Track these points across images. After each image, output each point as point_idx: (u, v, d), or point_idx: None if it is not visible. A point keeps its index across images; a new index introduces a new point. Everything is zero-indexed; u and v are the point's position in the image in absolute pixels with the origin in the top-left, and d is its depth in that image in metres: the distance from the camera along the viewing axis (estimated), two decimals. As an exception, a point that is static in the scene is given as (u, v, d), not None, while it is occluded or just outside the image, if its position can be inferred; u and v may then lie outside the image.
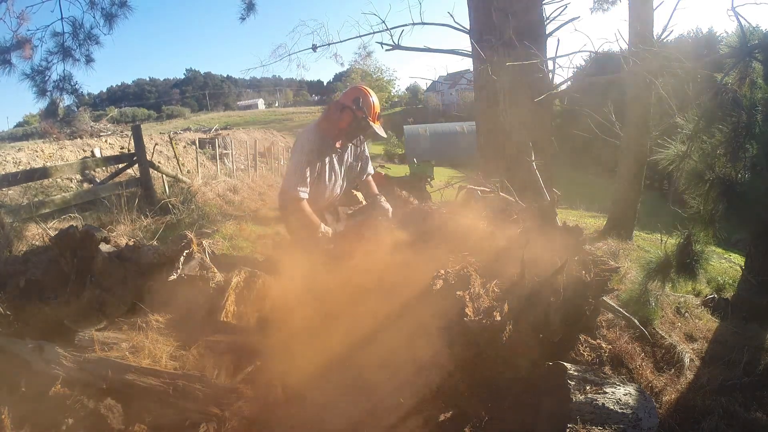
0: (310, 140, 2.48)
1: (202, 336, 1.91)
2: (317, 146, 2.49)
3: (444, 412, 1.57)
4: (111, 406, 1.54)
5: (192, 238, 2.32)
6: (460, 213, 2.57)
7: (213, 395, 1.59)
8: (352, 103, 2.45)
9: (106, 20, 5.59)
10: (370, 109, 2.48)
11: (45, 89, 5.58)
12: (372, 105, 2.49)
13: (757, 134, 2.34)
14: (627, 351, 2.26)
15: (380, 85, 48.62)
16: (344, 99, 2.51)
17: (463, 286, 1.78)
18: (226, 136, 16.74)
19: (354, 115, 2.46)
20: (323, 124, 2.54)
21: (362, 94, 2.49)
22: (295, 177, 2.42)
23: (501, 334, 1.65)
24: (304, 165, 2.43)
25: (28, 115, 40.30)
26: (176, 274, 2.24)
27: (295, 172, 2.44)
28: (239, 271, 2.25)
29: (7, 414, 1.47)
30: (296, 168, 2.44)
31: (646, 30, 5.25)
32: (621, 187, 6.56)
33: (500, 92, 4.47)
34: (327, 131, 2.52)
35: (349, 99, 2.47)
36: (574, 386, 1.46)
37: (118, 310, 2.08)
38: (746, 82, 2.67)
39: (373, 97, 2.51)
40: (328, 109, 2.60)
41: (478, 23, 5.40)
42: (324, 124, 2.54)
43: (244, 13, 6.25)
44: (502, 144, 4.48)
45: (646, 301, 2.52)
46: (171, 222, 5.23)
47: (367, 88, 2.54)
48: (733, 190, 2.29)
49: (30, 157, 8.88)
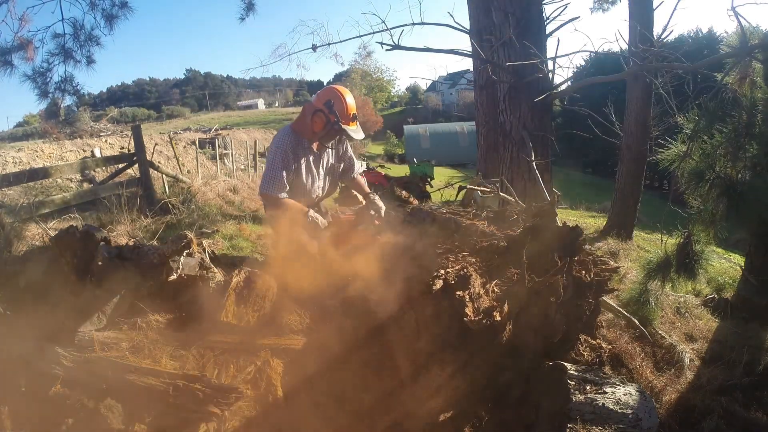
0: (284, 142, 2.43)
1: (202, 336, 1.92)
2: (291, 147, 2.44)
3: (444, 412, 1.57)
4: (111, 406, 1.54)
5: (192, 238, 2.31)
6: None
7: (213, 395, 1.59)
8: (324, 106, 2.38)
9: (107, 21, 5.60)
10: (343, 111, 2.40)
11: (47, 90, 5.59)
12: (345, 107, 2.40)
13: (757, 134, 2.34)
14: (627, 351, 2.26)
15: (380, 85, 48.66)
16: (316, 102, 2.43)
17: (463, 286, 1.78)
18: (226, 136, 16.76)
19: (327, 119, 2.39)
20: (298, 126, 2.48)
21: (335, 96, 2.41)
22: (273, 183, 2.40)
23: (501, 334, 1.65)
24: (279, 168, 2.40)
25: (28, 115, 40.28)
26: (176, 274, 2.24)
27: (271, 177, 2.41)
28: (239, 271, 2.25)
29: (7, 414, 1.47)
30: (272, 172, 2.41)
31: (646, 30, 5.24)
32: (621, 187, 6.56)
33: (500, 92, 4.47)
34: (302, 133, 2.47)
35: (321, 102, 2.40)
36: (574, 386, 1.46)
37: (118, 310, 2.08)
38: (746, 82, 2.68)
39: (347, 99, 2.42)
40: (302, 111, 2.52)
41: (478, 23, 5.41)
42: (298, 126, 2.48)
43: (244, 13, 6.27)
44: (502, 144, 4.47)
45: (646, 301, 2.52)
46: (171, 222, 5.23)
47: (340, 89, 2.46)
48: (734, 190, 2.29)
49: (30, 157, 8.89)
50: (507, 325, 1.67)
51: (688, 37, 21.85)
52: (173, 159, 10.56)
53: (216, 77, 71.85)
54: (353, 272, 2.11)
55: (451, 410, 1.57)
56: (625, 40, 5.07)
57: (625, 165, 6.44)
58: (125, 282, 2.16)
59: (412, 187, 8.66)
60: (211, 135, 16.95)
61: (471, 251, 2.19)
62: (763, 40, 2.51)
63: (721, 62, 2.79)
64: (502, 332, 1.67)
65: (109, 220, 4.79)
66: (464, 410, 1.57)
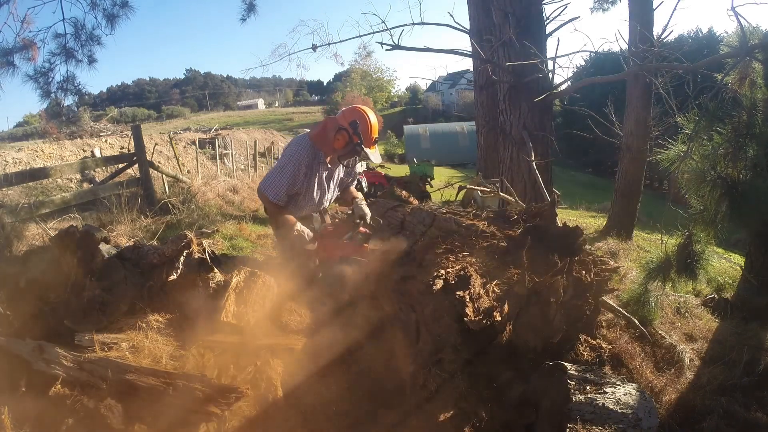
0: (301, 154, 2.43)
1: (202, 336, 1.92)
2: (307, 161, 2.44)
3: (444, 412, 1.57)
4: (111, 406, 1.54)
5: (192, 238, 2.32)
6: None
7: (213, 395, 1.59)
8: (349, 126, 2.37)
9: (108, 21, 5.60)
10: (367, 134, 2.40)
11: (49, 90, 5.59)
12: (369, 129, 2.40)
13: (757, 134, 2.34)
14: (627, 351, 2.26)
15: (380, 85, 48.65)
16: (341, 119, 2.42)
17: (463, 287, 1.78)
18: (226, 136, 16.75)
19: (349, 139, 2.39)
20: (318, 139, 2.47)
21: (360, 117, 2.39)
22: (275, 186, 2.42)
23: (501, 334, 1.65)
24: (286, 178, 2.41)
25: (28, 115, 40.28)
26: (176, 274, 2.24)
27: (276, 182, 2.42)
28: (239, 271, 2.25)
29: (7, 414, 1.47)
30: (279, 179, 2.42)
31: (646, 30, 5.24)
32: (621, 187, 6.56)
33: (500, 92, 4.47)
34: (320, 146, 2.46)
35: (347, 121, 2.39)
36: (574, 386, 1.46)
37: (118, 310, 2.08)
38: (746, 82, 2.68)
39: (371, 120, 2.42)
40: (324, 124, 2.50)
41: (478, 23, 5.42)
42: (318, 138, 2.47)
43: (245, 14, 6.28)
44: (502, 144, 4.47)
45: (647, 301, 2.52)
46: (171, 222, 5.23)
47: (366, 110, 2.45)
48: (735, 191, 2.29)
49: (30, 157, 8.89)
50: (507, 325, 1.67)
51: (688, 37, 21.83)
52: (173, 159, 10.55)
53: (216, 77, 71.80)
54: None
55: (451, 410, 1.57)
56: (625, 40, 5.07)
57: (625, 165, 6.45)
58: (125, 282, 2.17)
59: (412, 187, 8.67)
60: (211, 135, 16.94)
61: (471, 251, 2.19)
62: (763, 40, 2.51)
63: (721, 62, 2.79)
64: (502, 332, 1.67)
65: (109, 220, 4.79)
66: (464, 410, 1.57)
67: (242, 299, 2.11)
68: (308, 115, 48.14)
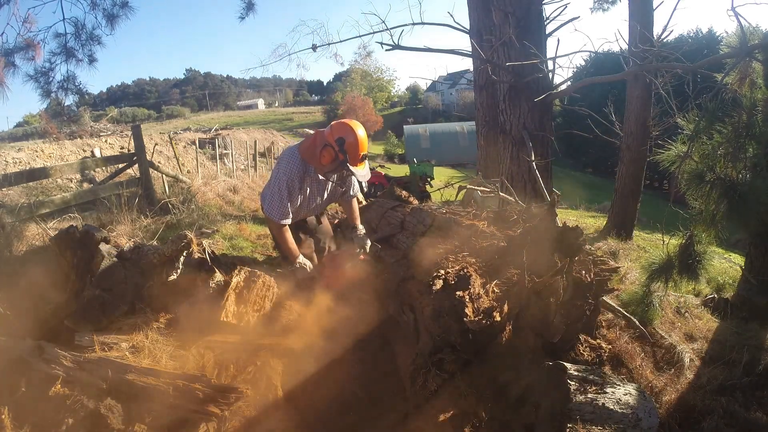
0: (292, 169, 2.41)
1: (202, 336, 1.92)
2: (299, 175, 2.42)
3: (444, 412, 1.57)
4: (111, 406, 1.54)
5: (192, 238, 2.31)
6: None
7: (213, 395, 1.59)
8: (335, 143, 2.33)
9: (108, 21, 5.59)
10: (354, 152, 2.34)
11: (49, 90, 5.58)
12: (357, 146, 2.34)
13: (757, 134, 2.34)
14: (627, 351, 2.26)
15: (380, 85, 48.68)
16: (329, 135, 2.37)
17: (463, 287, 1.78)
18: (226, 136, 16.76)
19: (335, 156, 2.35)
20: (306, 153, 2.44)
21: (348, 133, 2.33)
22: (279, 208, 2.40)
23: (501, 334, 1.65)
24: (284, 193, 2.39)
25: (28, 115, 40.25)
26: (176, 274, 2.24)
27: (277, 204, 2.40)
28: (239, 271, 2.25)
29: (7, 414, 1.47)
30: (278, 200, 2.40)
31: (646, 30, 5.24)
32: (621, 187, 6.56)
33: (500, 92, 4.47)
34: (309, 160, 2.44)
35: (333, 137, 2.34)
36: (574, 386, 1.46)
37: (118, 310, 2.08)
38: (746, 82, 2.68)
39: (360, 138, 2.35)
40: (314, 138, 2.46)
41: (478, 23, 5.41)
42: (306, 152, 2.44)
43: (244, 13, 6.25)
44: (502, 144, 4.47)
45: (649, 302, 2.52)
46: (171, 222, 5.22)
47: (354, 126, 2.38)
48: (734, 191, 2.28)
49: (30, 157, 8.89)
50: (507, 325, 1.67)
51: (688, 37, 21.84)
52: (173, 159, 10.55)
53: (216, 77, 71.80)
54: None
55: (451, 410, 1.57)
56: (625, 40, 5.07)
57: (625, 165, 6.44)
58: (125, 282, 2.17)
59: (412, 187, 8.66)
60: (211, 135, 16.95)
61: (471, 251, 2.19)
62: (763, 40, 2.51)
63: (721, 62, 2.79)
64: (502, 332, 1.67)
65: (109, 220, 4.78)
66: (464, 410, 1.57)
67: (242, 299, 2.11)
68: (308, 115, 48.16)
